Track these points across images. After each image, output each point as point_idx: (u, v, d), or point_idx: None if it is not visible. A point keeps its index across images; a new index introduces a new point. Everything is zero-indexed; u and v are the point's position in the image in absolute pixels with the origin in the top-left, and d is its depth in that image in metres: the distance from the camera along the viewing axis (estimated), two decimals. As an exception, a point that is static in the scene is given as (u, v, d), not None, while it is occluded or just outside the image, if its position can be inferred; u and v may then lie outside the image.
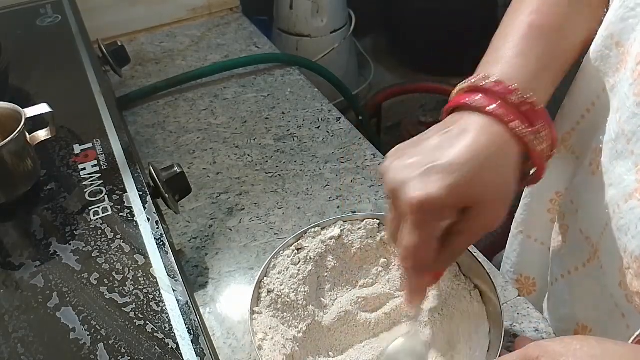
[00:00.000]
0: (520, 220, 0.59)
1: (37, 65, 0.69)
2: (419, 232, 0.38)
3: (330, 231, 0.52)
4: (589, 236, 0.46)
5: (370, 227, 0.52)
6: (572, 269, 0.50)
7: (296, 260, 0.50)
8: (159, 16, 1.00)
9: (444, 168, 0.37)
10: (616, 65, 0.43)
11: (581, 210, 0.48)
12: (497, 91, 0.39)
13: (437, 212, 0.38)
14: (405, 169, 0.38)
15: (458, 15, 1.71)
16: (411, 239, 0.38)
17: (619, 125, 0.41)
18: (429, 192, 0.36)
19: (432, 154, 0.38)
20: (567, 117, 0.50)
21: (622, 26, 0.42)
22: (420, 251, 0.38)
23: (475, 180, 0.37)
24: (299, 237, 0.51)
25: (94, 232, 0.48)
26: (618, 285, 0.41)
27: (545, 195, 0.55)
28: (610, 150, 0.42)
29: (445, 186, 0.36)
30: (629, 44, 0.41)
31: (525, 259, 0.59)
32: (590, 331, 0.48)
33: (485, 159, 0.38)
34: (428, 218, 0.38)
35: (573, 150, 0.51)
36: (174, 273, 0.45)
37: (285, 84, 0.87)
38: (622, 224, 0.40)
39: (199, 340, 0.40)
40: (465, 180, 0.37)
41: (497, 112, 0.38)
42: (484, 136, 0.38)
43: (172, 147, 0.75)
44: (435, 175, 0.37)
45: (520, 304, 0.55)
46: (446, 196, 0.36)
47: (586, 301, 0.48)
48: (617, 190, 0.41)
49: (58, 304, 0.42)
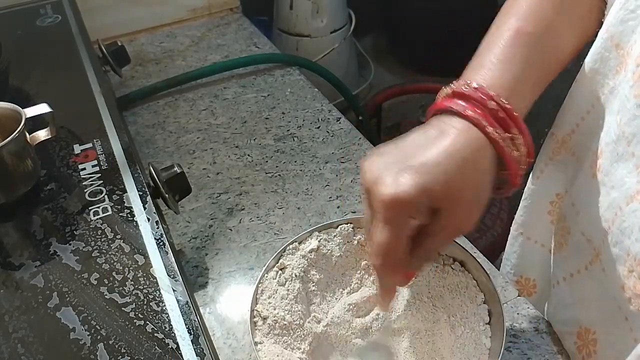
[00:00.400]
0: (520, 222, 0.59)
1: (37, 65, 0.69)
2: (390, 229, 0.39)
3: (308, 244, 0.51)
4: (590, 239, 0.46)
5: (345, 232, 0.52)
6: (574, 271, 0.50)
7: (282, 280, 0.49)
8: (159, 16, 1.00)
9: (417, 168, 0.38)
10: (616, 68, 0.43)
11: (582, 213, 0.48)
12: (476, 97, 0.40)
13: (407, 211, 0.38)
14: (381, 168, 0.39)
15: (458, 16, 1.71)
16: (381, 236, 0.39)
17: (620, 127, 0.41)
18: (399, 190, 0.37)
19: (409, 154, 0.39)
20: (567, 119, 0.50)
21: (621, 28, 0.42)
22: (390, 248, 0.39)
23: (448, 181, 0.38)
24: (279, 257, 0.50)
25: (94, 232, 0.48)
26: (621, 288, 0.41)
27: (546, 196, 0.55)
28: (611, 152, 0.42)
29: (415, 185, 0.37)
30: (629, 46, 0.41)
31: (526, 260, 0.59)
32: (593, 334, 0.48)
33: (460, 161, 0.38)
34: (398, 216, 0.38)
35: (573, 152, 0.51)
36: (174, 273, 0.45)
37: (285, 84, 0.87)
38: (624, 226, 0.40)
39: (199, 340, 0.40)
40: (437, 181, 0.38)
41: (474, 117, 0.39)
42: (460, 139, 0.39)
43: (172, 147, 0.75)
44: (408, 174, 0.38)
45: (520, 304, 0.55)
46: (416, 195, 0.37)
47: (588, 304, 0.48)
48: (619, 193, 0.41)
49: (58, 304, 0.42)
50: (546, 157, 0.54)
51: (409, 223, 0.40)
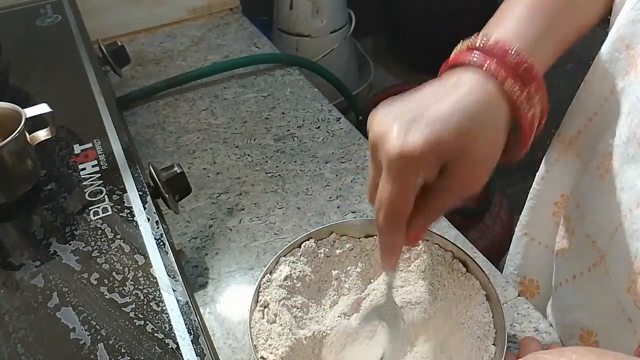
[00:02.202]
0: (524, 223, 0.58)
1: (37, 65, 0.69)
2: (396, 184, 0.37)
3: (280, 273, 0.50)
4: (595, 240, 0.46)
5: (309, 250, 0.52)
6: (577, 273, 0.49)
7: (271, 317, 0.47)
8: (159, 16, 1.00)
9: (427, 121, 0.36)
10: (626, 68, 0.43)
11: (588, 215, 0.47)
12: (495, 50, 0.39)
13: (415, 165, 0.36)
14: (390, 122, 0.37)
15: (458, 16, 1.71)
16: (387, 191, 0.37)
17: (630, 129, 0.40)
18: (408, 144, 0.36)
19: (420, 108, 0.37)
20: (575, 120, 0.50)
21: (632, 29, 0.42)
22: (394, 204, 0.37)
23: (459, 135, 0.36)
24: (257, 294, 0.49)
25: (94, 232, 0.48)
26: (626, 290, 0.41)
27: (551, 197, 0.55)
28: (621, 154, 0.42)
29: (424, 138, 0.36)
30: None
31: (529, 261, 0.59)
32: (595, 337, 0.48)
33: (473, 115, 0.37)
34: (406, 170, 0.37)
35: (579, 153, 0.50)
36: (174, 273, 0.45)
37: (285, 84, 0.87)
38: (634, 229, 0.40)
39: (198, 340, 0.40)
40: (448, 134, 0.36)
41: (492, 69, 0.38)
42: (475, 92, 0.37)
43: (172, 147, 0.75)
44: (417, 127, 0.36)
45: (520, 304, 0.55)
46: (425, 149, 0.36)
47: (591, 306, 0.48)
48: (629, 195, 0.41)
49: (58, 304, 0.42)
50: (552, 158, 0.53)
51: (416, 179, 0.37)
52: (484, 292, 0.49)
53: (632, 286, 0.40)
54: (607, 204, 0.43)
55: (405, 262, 0.52)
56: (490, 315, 0.47)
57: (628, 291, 0.41)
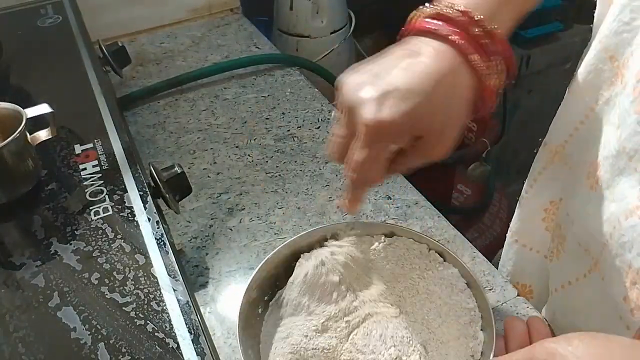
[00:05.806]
0: (515, 229, 0.58)
1: (38, 65, 0.69)
2: (370, 151, 0.40)
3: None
4: (587, 248, 0.46)
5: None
6: (572, 279, 0.49)
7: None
8: (160, 17, 1.00)
9: (401, 94, 0.38)
10: (610, 79, 0.43)
11: (578, 223, 0.47)
12: (461, 21, 0.39)
13: (389, 136, 0.39)
14: (363, 88, 0.39)
15: (458, 16, 1.71)
16: (361, 156, 0.40)
17: (620, 143, 0.40)
18: (385, 116, 0.38)
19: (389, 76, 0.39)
20: (560, 130, 0.50)
21: (616, 40, 0.41)
22: (368, 168, 0.40)
23: (430, 107, 0.39)
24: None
25: (95, 232, 0.48)
26: (623, 299, 0.41)
27: (540, 204, 0.55)
28: (611, 166, 0.42)
29: (401, 112, 0.38)
30: (625, 58, 0.41)
31: (522, 267, 0.59)
32: None
33: (444, 88, 0.39)
34: (380, 140, 0.39)
35: (566, 162, 0.50)
36: (174, 273, 0.45)
37: (285, 84, 0.87)
38: (624, 240, 0.40)
39: (199, 340, 0.40)
40: (422, 107, 0.38)
41: (459, 43, 0.39)
42: (441, 63, 0.39)
43: (172, 147, 0.75)
44: (392, 99, 0.38)
45: (519, 304, 0.55)
46: (401, 121, 0.38)
47: (588, 312, 0.48)
48: (618, 206, 0.41)
49: (59, 303, 0.42)
50: (540, 166, 0.53)
51: (389, 146, 0.41)
52: (464, 280, 0.49)
53: (628, 295, 0.40)
54: (596, 215, 0.43)
55: (382, 260, 0.51)
56: (474, 300, 0.48)
57: (624, 300, 0.41)
